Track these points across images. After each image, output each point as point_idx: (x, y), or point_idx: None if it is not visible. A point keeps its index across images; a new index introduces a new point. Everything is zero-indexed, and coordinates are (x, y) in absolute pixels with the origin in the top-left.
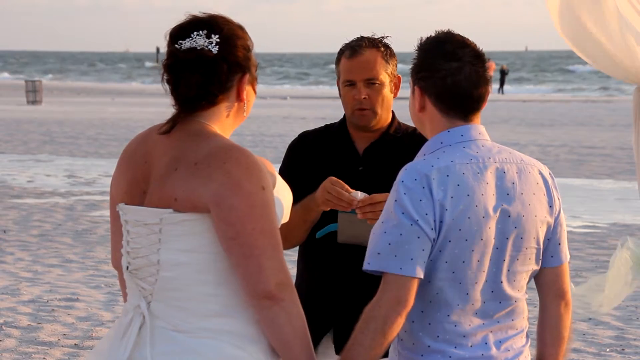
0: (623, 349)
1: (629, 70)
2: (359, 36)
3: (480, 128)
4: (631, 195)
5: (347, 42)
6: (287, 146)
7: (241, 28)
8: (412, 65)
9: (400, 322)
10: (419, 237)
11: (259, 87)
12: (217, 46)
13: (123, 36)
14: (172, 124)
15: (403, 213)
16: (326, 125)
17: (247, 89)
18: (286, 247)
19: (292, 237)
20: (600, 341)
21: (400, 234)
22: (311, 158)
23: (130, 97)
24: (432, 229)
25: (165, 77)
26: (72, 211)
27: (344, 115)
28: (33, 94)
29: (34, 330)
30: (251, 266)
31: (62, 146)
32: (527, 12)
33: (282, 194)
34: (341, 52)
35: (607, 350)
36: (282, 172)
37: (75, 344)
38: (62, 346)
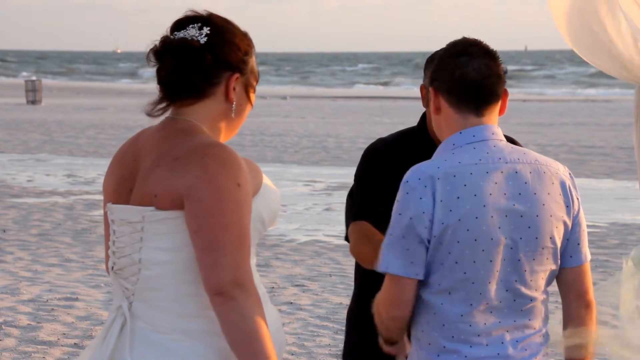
0: None
1: (630, 70)
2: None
3: (494, 128)
4: (631, 195)
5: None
6: (286, 146)
7: (244, 33)
8: (427, 76)
9: (400, 319)
10: (416, 237)
11: (259, 87)
12: (206, 37)
13: (116, 36)
14: (154, 110)
15: (400, 214)
16: (403, 131)
17: (239, 92)
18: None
19: (368, 266)
20: None
21: (398, 234)
22: (392, 162)
23: (129, 98)
24: (425, 227)
25: (152, 64)
26: (71, 211)
27: (422, 118)
28: (33, 93)
29: (33, 330)
30: (207, 260)
31: (62, 146)
32: (524, 12)
33: (270, 197)
34: None
35: (607, 349)
36: (361, 177)
37: (74, 344)
38: (62, 345)
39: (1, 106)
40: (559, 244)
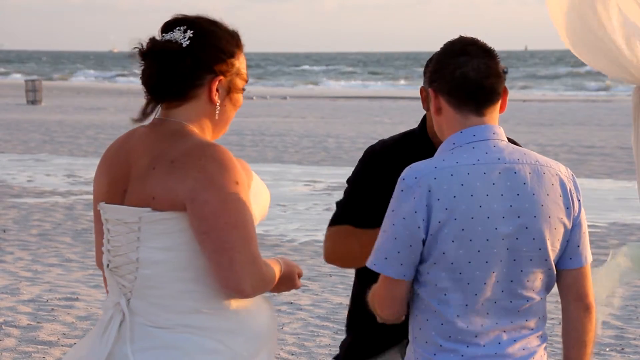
0: (623, 349)
1: (628, 69)
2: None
3: (495, 128)
4: (631, 195)
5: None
6: (286, 146)
7: (232, 35)
8: (427, 77)
9: (394, 315)
10: (408, 237)
11: (260, 87)
12: (189, 41)
13: (114, 36)
14: (144, 113)
15: (394, 211)
16: (404, 133)
17: (222, 94)
18: (346, 267)
19: (353, 264)
20: (600, 340)
21: (390, 233)
22: (390, 164)
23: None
24: (418, 226)
25: (139, 64)
26: (71, 210)
27: (422, 120)
28: (33, 93)
29: (33, 330)
30: (222, 260)
31: (62, 146)
32: (524, 12)
33: (260, 193)
34: None
35: (607, 349)
36: (354, 179)
37: (75, 344)
38: (62, 345)
39: (1, 106)
40: (557, 246)
